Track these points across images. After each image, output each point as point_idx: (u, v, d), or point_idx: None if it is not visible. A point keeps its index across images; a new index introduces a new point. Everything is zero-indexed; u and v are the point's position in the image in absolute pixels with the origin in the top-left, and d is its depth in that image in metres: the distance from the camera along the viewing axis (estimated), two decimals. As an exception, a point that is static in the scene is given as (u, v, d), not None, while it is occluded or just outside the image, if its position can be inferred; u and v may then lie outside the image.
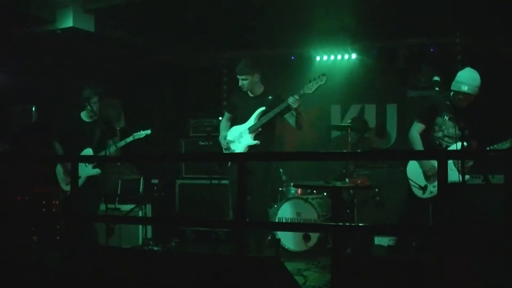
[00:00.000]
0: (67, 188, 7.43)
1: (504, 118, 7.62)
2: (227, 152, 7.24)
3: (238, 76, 7.18)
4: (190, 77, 10.92)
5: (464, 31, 8.88)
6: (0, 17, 8.06)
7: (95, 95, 7.46)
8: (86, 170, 7.33)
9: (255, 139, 7.06)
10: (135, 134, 7.72)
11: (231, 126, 7.34)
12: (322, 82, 6.78)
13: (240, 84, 7.19)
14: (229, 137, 7.22)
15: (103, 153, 7.41)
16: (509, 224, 4.99)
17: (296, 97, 6.79)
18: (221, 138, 7.32)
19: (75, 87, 8.34)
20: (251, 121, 7.10)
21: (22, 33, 8.87)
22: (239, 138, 7.15)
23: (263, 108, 7.10)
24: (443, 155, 4.38)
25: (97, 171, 7.39)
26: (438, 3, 7.69)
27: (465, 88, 6.16)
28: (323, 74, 6.79)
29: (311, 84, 6.81)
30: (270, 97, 7.18)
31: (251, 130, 7.07)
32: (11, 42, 9.23)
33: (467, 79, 6.21)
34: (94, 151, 7.43)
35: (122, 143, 7.57)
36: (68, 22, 8.33)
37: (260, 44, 9.90)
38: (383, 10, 8.16)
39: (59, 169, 7.55)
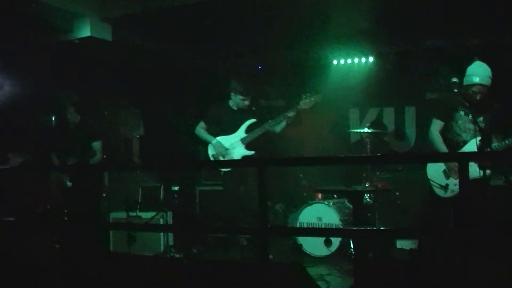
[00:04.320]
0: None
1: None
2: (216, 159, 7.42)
3: (241, 96, 7.31)
4: (209, 84, 10.94)
5: (481, 31, 8.82)
6: (19, 28, 8.12)
7: (69, 106, 7.55)
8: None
9: (248, 149, 7.21)
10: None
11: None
12: (319, 100, 6.95)
13: (238, 104, 7.34)
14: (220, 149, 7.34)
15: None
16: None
17: (293, 113, 6.96)
18: (216, 145, 7.41)
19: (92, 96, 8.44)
20: (241, 132, 7.28)
21: (41, 43, 8.94)
22: (230, 150, 7.28)
23: (253, 120, 7.26)
24: (464, 157, 4.34)
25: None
26: (454, 4, 7.66)
27: (476, 79, 6.19)
28: (317, 92, 6.97)
29: (307, 100, 6.96)
30: (254, 108, 7.35)
31: (243, 141, 7.23)
32: (31, 52, 9.29)
33: (477, 71, 6.24)
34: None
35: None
36: (85, 31, 8.40)
37: (278, 48, 9.90)
38: (399, 13, 8.15)
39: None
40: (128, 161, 9.89)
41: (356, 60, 9.95)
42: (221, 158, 7.36)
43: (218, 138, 7.44)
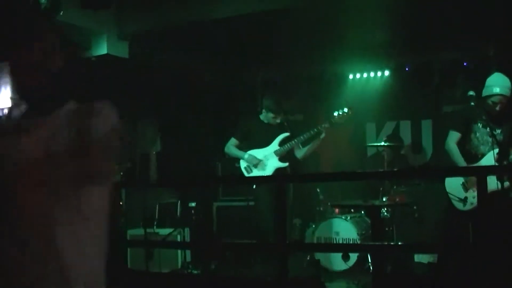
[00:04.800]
0: None
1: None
2: (248, 172, 7.40)
3: (272, 114, 7.36)
4: (226, 100, 10.98)
5: (498, 43, 8.79)
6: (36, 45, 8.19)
7: None
8: None
9: (282, 161, 7.24)
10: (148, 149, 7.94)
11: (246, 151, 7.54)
12: (352, 113, 7.03)
13: (269, 120, 7.38)
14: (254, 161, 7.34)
15: None
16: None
17: (327, 125, 7.02)
18: (248, 159, 7.41)
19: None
20: (274, 145, 7.30)
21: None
22: (263, 161, 7.31)
23: (287, 134, 7.32)
24: (482, 172, 4.32)
25: None
26: (471, 16, 7.65)
27: (497, 90, 6.19)
28: (350, 108, 7.04)
29: (340, 115, 7.04)
30: (285, 123, 7.41)
31: (277, 153, 7.26)
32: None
33: (497, 82, 6.25)
34: None
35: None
36: (102, 49, 8.46)
37: (293, 63, 9.93)
38: (415, 25, 8.15)
39: None
40: (146, 177, 9.91)
41: (372, 74, 9.94)
42: (255, 169, 7.38)
43: (250, 151, 7.46)
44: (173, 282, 5.19)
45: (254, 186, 7.42)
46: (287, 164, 7.36)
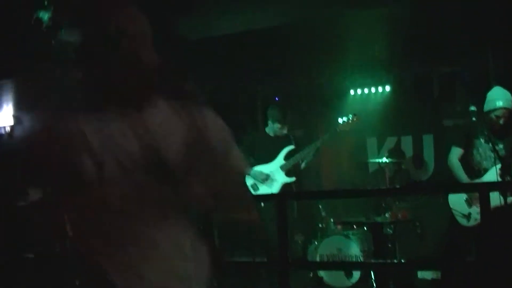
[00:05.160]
0: None
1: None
2: (255, 190, 7.28)
3: (279, 124, 7.28)
4: (226, 113, 10.92)
5: (498, 57, 8.77)
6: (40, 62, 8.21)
7: None
8: None
9: (289, 176, 7.14)
10: None
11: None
12: (356, 120, 6.96)
13: (275, 131, 7.30)
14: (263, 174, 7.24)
15: None
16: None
17: (332, 133, 6.94)
18: (254, 175, 7.31)
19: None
20: (279, 160, 7.19)
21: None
22: (270, 177, 7.21)
23: (291, 147, 7.23)
24: (485, 188, 4.29)
25: None
26: (470, 30, 7.65)
27: (500, 104, 6.19)
28: (355, 114, 6.98)
29: (346, 122, 6.96)
30: (291, 136, 7.32)
31: (283, 168, 7.15)
32: (49, 87, 9.36)
33: (498, 95, 6.25)
34: None
35: None
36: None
37: (294, 79, 9.91)
38: (414, 40, 8.14)
39: None
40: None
41: (373, 89, 9.92)
42: (262, 186, 7.28)
43: (256, 167, 7.35)
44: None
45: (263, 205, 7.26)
46: (294, 178, 7.27)
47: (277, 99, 10.36)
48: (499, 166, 5.92)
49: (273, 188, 7.22)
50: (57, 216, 2.22)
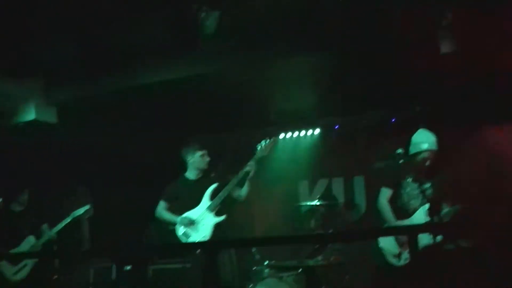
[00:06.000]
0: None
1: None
2: (187, 237, 7.15)
3: (203, 152, 7.22)
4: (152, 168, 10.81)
5: (423, 100, 8.97)
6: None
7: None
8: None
9: (218, 215, 7.07)
10: (74, 212, 7.73)
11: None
12: (275, 143, 7.01)
13: (204, 161, 7.24)
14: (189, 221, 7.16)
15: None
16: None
17: (253, 164, 6.93)
18: (182, 222, 7.21)
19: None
20: (205, 201, 7.11)
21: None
22: (199, 222, 7.10)
23: (215, 185, 7.17)
24: (414, 230, 4.36)
25: None
26: (392, 77, 7.81)
27: (425, 146, 6.36)
28: (272, 138, 7.01)
29: (263, 147, 6.97)
30: (212, 175, 7.28)
31: (211, 209, 7.06)
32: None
33: (423, 138, 6.43)
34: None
35: (60, 226, 7.56)
36: (30, 115, 8.33)
37: (221, 129, 9.87)
38: (341, 86, 8.26)
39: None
40: (78, 243, 9.69)
41: (303, 133, 10.00)
42: (192, 233, 7.12)
43: (184, 214, 7.23)
44: None
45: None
46: (224, 216, 7.16)
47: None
48: (427, 206, 6.04)
49: (205, 232, 7.09)
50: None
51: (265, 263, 8.34)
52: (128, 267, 8.62)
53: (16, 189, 7.63)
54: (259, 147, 7.16)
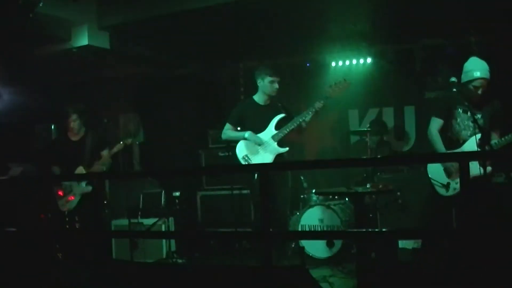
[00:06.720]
0: (63, 208, 7.64)
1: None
2: (247, 162, 7.16)
3: (273, 78, 7.14)
4: (208, 89, 10.91)
5: (478, 30, 8.79)
6: (17, 38, 8.14)
7: (72, 113, 7.66)
8: (79, 189, 7.60)
9: (281, 146, 7.05)
10: (124, 139, 7.87)
11: None
12: (347, 85, 6.90)
13: (272, 88, 7.15)
14: (252, 147, 7.15)
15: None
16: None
17: (322, 102, 6.86)
18: (250, 138, 7.11)
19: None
20: (271, 129, 7.08)
21: (39, 52, 8.95)
22: (263, 148, 7.08)
23: (282, 115, 7.11)
24: (465, 157, 4.30)
25: (89, 188, 7.60)
26: (451, 3, 7.65)
27: (477, 74, 6.20)
28: (345, 80, 6.91)
29: (335, 87, 6.89)
30: (279, 104, 7.22)
31: (275, 138, 7.04)
32: (28, 62, 9.31)
33: (476, 66, 6.27)
34: (86, 168, 7.62)
35: (113, 151, 7.70)
36: (83, 40, 8.41)
37: (275, 52, 9.88)
38: (396, 13, 8.13)
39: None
40: (129, 168, 9.90)
41: (354, 61, 9.92)
42: (254, 157, 7.07)
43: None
44: (158, 271, 5.17)
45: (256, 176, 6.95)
46: (287, 149, 7.14)
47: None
48: (479, 136, 5.96)
49: (266, 159, 7.04)
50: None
51: (313, 191, 8.44)
52: (177, 193, 8.79)
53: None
54: (333, 84, 7.05)
